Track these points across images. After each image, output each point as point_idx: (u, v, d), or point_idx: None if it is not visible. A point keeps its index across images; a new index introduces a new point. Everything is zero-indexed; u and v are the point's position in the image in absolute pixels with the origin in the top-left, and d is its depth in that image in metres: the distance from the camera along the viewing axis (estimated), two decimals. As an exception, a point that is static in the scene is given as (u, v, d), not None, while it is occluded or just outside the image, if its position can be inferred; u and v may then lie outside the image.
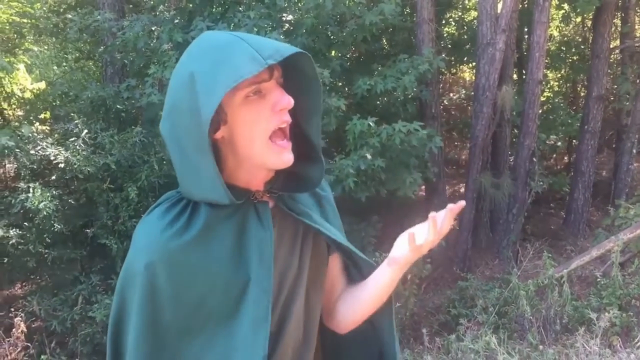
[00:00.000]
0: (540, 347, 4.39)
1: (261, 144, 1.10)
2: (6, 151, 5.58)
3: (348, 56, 7.98)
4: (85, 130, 5.92)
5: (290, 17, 6.97)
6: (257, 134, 1.09)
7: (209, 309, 1.12)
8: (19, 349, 4.48)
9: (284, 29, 6.71)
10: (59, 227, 5.55)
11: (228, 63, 1.02)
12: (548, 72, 11.50)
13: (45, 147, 5.71)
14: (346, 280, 1.44)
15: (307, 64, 1.13)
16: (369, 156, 5.70)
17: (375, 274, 1.33)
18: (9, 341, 4.48)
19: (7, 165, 7.11)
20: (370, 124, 5.81)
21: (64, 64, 9.82)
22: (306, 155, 1.22)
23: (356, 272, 1.41)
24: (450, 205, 1.22)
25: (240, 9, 6.46)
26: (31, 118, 8.39)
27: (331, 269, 1.39)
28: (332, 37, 6.97)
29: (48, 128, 7.80)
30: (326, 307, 1.41)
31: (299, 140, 1.19)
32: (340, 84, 7.56)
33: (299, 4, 6.63)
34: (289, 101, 1.09)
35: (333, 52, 7.34)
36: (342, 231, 1.41)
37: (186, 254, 1.10)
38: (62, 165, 5.59)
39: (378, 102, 7.26)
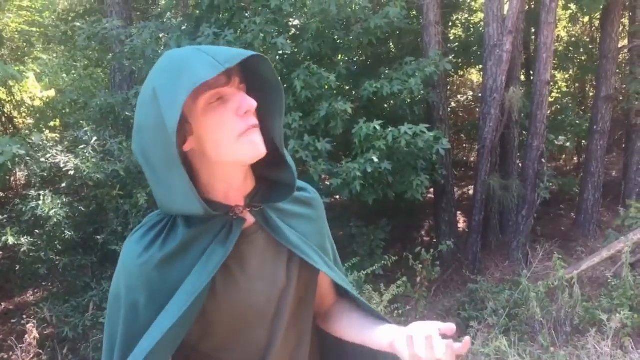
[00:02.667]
0: (552, 349, 4.37)
1: (230, 144, 1.09)
2: (17, 159, 5.63)
3: (355, 60, 7.99)
4: (95, 138, 5.97)
5: (296, 22, 6.99)
6: (224, 137, 1.09)
7: None
8: (31, 356, 4.51)
9: (290, 34, 6.74)
10: (70, 234, 5.60)
11: (186, 72, 1.02)
12: (556, 72, 11.45)
13: (55, 154, 5.76)
14: (336, 293, 1.47)
15: (266, 67, 1.13)
16: (375, 159, 5.71)
17: (373, 334, 1.27)
18: (21, 348, 4.51)
19: (17, 173, 7.19)
20: (377, 127, 5.82)
21: (73, 71, 9.90)
22: (273, 160, 1.22)
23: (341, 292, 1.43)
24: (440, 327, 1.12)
25: (246, 14, 6.50)
26: (41, 126, 8.47)
27: (320, 285, 1.39)
28: (338, 41, 6.99)
29: (58, 136, 7.87)
30: (318, 313, 1.44)
31: (269, 147, 1.17)
32: (347, 87, 7.58)
33: (305, 9, 6.65)
34: (250, 103, 1.09)
35: (339, 56, 7.36)
36: (329, 238, 1.42)
37: (162, 278, 1.13)
38: (72, 173, 5.64)
39: (385, 105, 7.27)
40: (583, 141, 10.57)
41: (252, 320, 1.20)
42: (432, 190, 8.35)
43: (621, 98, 10.16)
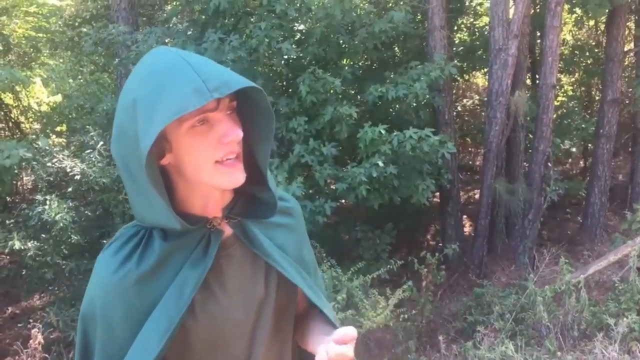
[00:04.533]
0: (559, 353, 4.35)
1: (208, 169, 1.05)
2: (23, 164, 5.66)
3: (360, 64, 8.00)
4: (101, 142, 6.00)
5: (301, 27, 7.01)
6: (202, 162, 1.05)
7: None
8: (37, 360, 4.51)
9: (295, 39, 6.75)
10: (76, 238, 5.62)
11: (170, 92, 0.97)
12: (562, 76, 11.42)
13: (61, 159, 5.79)
14: (308, 304, 1.38)
15: (260, 95, 1.08)
16: (381, 163, 5.71)
17: (314, 345, 1.23)
18: (26, 352, 4.52)
19: (24, 178, 7.22)
20: (382, 131, 5.82)
21: (80, 77, 9.96)
22: (257, 181, 1.18)
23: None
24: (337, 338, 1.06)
25: (251, 20, 6.52)
26: (48, 131, 8.51)
27: (301, 295, 1.33)
28: (343, 46, 7.00)
29: (64, 140, 7.91)
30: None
31: (250, 167, 1.14)
32: (352, 92, 7.58)
33: (310, 14, 6.67)
34: (237, 134, 1.04)
35: (345, 60, 7.37)
36: (308, 248, 1.37)
37: (139, 294, 1.09)
38: (78, 177, 5.67)
39: (390, 110, 7.28)
40: (589, 145, 10.52)
41: (230, 335, 1.17)
42: (437, 194, 8.34)
43: (627, 101, 10.13)
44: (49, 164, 5.81)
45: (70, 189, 5.95)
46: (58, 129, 8.80)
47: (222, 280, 1.16)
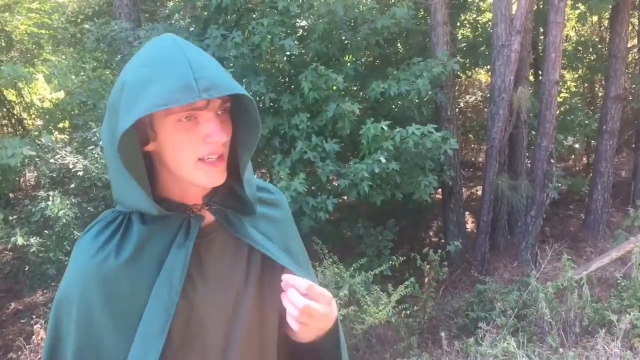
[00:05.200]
0: (561, 350, 4.35)
1: (189, 166, 1.05)
2: (27, 160, 5.67)
3: (362, 61, 7.99)
4: (104, 139, 6.00)
5: (304, 24, 7.00)
6: (184, 157, 1.05)
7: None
8: (39, 356, 4.53)
9: (298, 35, 6.75)
10: (79, 234, 5.62)
11: (160, 84, 0.97)
12: (565, 72, 11.40)
13: (64, 156, 5.80)
14: None
15: (249, 103, 1.07)
16: (383, 160, 5.70)
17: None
18: (29, 348, 4.54)
19: (27, 175, 7.23)
20: (384, 127, 5.82)
21: (82, 73, 9.94)
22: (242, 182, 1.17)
23: None
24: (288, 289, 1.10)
25: (254, 16, 6.51)
26: (51, 127, 8.51)
27: None
28: (345, 42, 6.99)
29: (67, 137, 7.91)
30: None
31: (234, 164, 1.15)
32: (354, 88, 7.58)
33: (312, 11, 6.66)
34: (221, 136, 1.03)
35: (347, 57, 7.36)
36: (296, 241, 1.35)
37: (119, 278, 1.07)
38: (81, 174, 5.67)
39: (393, 106, 7.27)
40: (592, 141, 10.51)
41: (208, 323, 1.15)
42: (440, 190, 8.33)
43: (631, 98, 10.11)
44: (52, 161, 5.82)
45: (73, 186, 5.96)
46: (61, 125, 8.80)
47: (202, 271, 1.14)
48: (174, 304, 1.07)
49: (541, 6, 9.55)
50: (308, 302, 1.07)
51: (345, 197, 7.06)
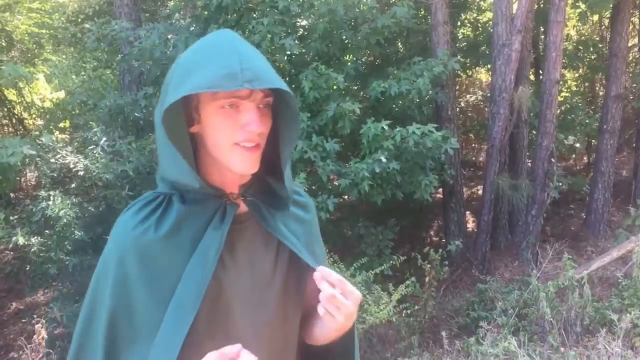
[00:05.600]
0: (562, 349, 4.35)
1: (226, 148, 1.12)
2: (27, 160, 5.67)
3: (363, 60, 7.99)
4: (104, 138, 6.00)
5: (304, 23, 7.00)
6: (221, 139, 1.12)
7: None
8: (40, 355, 4.53)
9: (298, 35, 6.74)
10: (80, 234, 5.63)
11: (207, 68, 1.05)
12: (565, 71, 11.39)
13: (64, 155, 5.80)
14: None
15: (289, 98, 1.14)
16: (383, 159, 5.70)
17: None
18: (30, 347, 4.54)
19: (28, 174, 7.23)
20: (385, 127, 5.81)
21: (83, 73, 9.96)
22: (279, 177, 1.23)
23: None
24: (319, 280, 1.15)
25: (254, 15, 6.51)
26: (51, 127, 8.53)
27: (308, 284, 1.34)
28: (346, 42, 6.99)
29: (67, 137, 7.93)
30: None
31: (273, 161, 1.22)
32: (355, 87, 7.57)
33: (313, 10, 6.65)
34: (258, 126, 1.10)
35: (347, 56, 7.36)
36: (319, 244, 1.40)
37: (156, 251, 1.13)
38: (81, 173, 5.67)
39: (393, 105, 7.26)
40: (593, 140, 10.52)
41: (235, 306, 1.19)
42: (440, 190, 8.33)
43: (631, 97, 10.10)
44: (52, 160, 5.82)
45: (73, 185, 5.95)
46: (61, 125, 8.82)
47: (233, 253, 1.20)
48: (206, 281, 1.12)
49: (541, 5, 9.54)
50: (336, 292, 1.12)
51: (346, 197, 7.05)
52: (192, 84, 1.04)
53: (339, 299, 1.12)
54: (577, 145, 10.29)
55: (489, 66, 9.38)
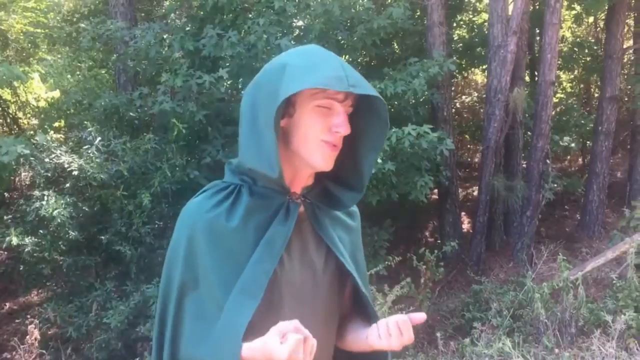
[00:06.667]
0: (556, 350, 4.35)
1: (312, 143, 1.24)
2: (21, 159, 5.64)
3: (358, 61, 7.98)
4: (99, 138, 5.98)
5: (300, 23, 6.99)
6: (311, 135, 1.24)
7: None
8: (33, 356, 4.52)
9: (294, 35, 6.74)
10: (74, 234, 5.61)
11: (320, 69, 1.18)
12: (561, 73, 11.42)
13: (59, 155, 5.77)
14: (352, 305, 1.52)
15: (382, 107, 1.26)
16: (379, 160, 5.70)
17: (360, 337, 1.40)
18: (24, 348, 4.52)
19: (22, 174, 7.19)
20: (381, 127, 5.80)
21: (78, 72, 9.91)
22: (347, 181, 1.36)
23: (359, 304, 1.48)
24: (411, 315, 1.30)
25: (250, 16, 6.49)
26: (46, 126, 8.47)
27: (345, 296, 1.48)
28: (342, 42, 6.99)
29: (62, 136, 7.89)
30: None
31: (348, 166, 1.34)
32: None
33: (309, 10, 6.65)
34: (346, 128, 1.23)
35: (343, 57, 7.35)
36: (361, 252, 1.50)
37: (226, 236, 1.23)
38: (76, 173, 5.65)
39: (389, 106, 7.25)
40: (588, 142, 10.53)
41: (286, 299, 1.27)
42: (436, 191, 8.34)
43: (626, 99, 10.13)
44: (46, 160, 5.79)
45: (68, 185, 5.92)
46: (56, 124, 8.76)
47: (290, 248, 1.30)
48: (271, 270, 1.22)
49: (537, 7, 9.57)
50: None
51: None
52: (311, 80, 1.16)
53: (397, 329, 1.28)
54: (572, 146, 10.30)
55: (484, 67, 9.40)
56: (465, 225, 9.38)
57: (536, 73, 9.46)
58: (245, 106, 1.27)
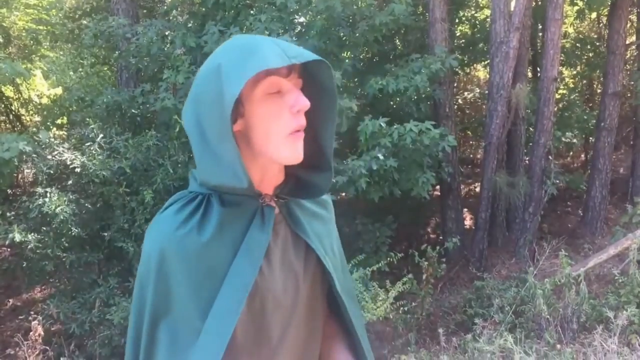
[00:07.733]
0: (558, 346, 4.35)
1: (278, 139, 1.13)
2: (24, 156, 5.65)
3: (360, 57, 7.98)
4: (101, 135, 5.99)
5: (301, 20, 6.99)
6: (274, 130, 1.12)
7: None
8: (37, 352, 4.53)
9: (296, 31, 6.73)
10: (76, 231, 5.62)
11: (256, 55, 1.06)
12: (563, 69, 11.40)
13: (62, 152, 5.78)
14: (328, 306, 1.42)
15: (326, 73, 1.16)
16: (381, 156, 5.70)
17: None
18: (27, 344, 4.54)
19: (25, 171, 7.21)
20: (382, 124, 5.81)
21: (80, 69, 9.92)
22: (314, 163, 1.25)
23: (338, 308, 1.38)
24: None
25: (252, 12, 6.50)
26: (48, 123, 8.49)
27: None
28: (343, 39, 6.98)
29: (65, 133, 7.90)
30: None
31: (309, 148, 1.21)
32: (352, 84, 7.56)
33: (310, 6, 6.64)
34: (305, 103, 1.11)
35: (345, 53, 7.35)
36: (337, 241, 1.42)
37: (199, 253, 1.13)
38: (78, 170, 5.66)
39: (391, 102, 7.26)
40: (590, 138, 10.52)
41: (268, 307, 1.20)
42: (438, 187, 8.33)
43: (629, 95, 10.11)
44: (49, 157, 5.80)
45: (70, 182, 5.94)
46: (58, 121, 8.78)
47: (268, 254, 1.20)
48: (250, 283, 1.13)
49: (539, 2, 9.55)
50: None
51: (343, 194, 7.05)
52: (251, 68, 1.04)
53: None
54: (575, 142, 10.28)
55: (486, 63, 9.38)
56: (468, 222, 9.38)
57: (538, 69, 9.45)
58: (190, 126, 1.14)
